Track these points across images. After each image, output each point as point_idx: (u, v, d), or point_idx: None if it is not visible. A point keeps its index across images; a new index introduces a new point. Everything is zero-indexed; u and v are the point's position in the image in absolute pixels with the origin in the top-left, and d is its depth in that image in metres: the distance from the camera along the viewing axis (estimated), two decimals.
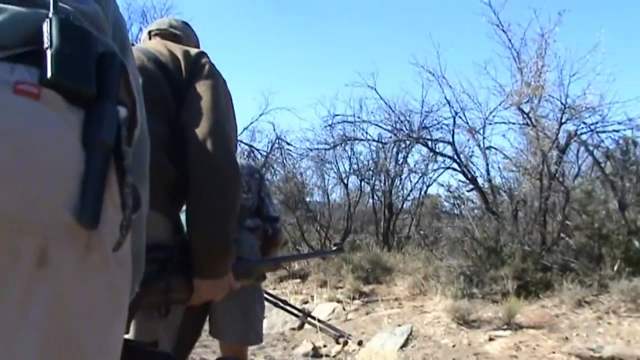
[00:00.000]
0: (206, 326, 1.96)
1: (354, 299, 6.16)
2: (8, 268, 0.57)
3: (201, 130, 1.35)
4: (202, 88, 1.41)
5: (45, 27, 0.67)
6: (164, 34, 1.70)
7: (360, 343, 4.58)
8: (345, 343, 4.61)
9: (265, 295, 3.20)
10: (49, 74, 0.64)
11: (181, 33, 1.73)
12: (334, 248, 2.24)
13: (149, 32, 1.75)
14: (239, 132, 10.81)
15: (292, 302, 5.89)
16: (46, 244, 0.59)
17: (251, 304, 2.26)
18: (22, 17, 0.68)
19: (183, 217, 1.44)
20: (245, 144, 11.21)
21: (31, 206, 0.59)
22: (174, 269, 1.35)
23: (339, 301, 6.15)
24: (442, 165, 8.45)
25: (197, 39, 1.83)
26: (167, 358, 1.20)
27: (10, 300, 0.57)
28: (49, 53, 0.65)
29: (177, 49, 1.49)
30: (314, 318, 4.94)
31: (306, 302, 6.52)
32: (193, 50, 1.51)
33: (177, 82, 1.42)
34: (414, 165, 9.49)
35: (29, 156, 0.60)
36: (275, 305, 4.88)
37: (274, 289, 7.26)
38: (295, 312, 5.16)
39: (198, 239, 1.36)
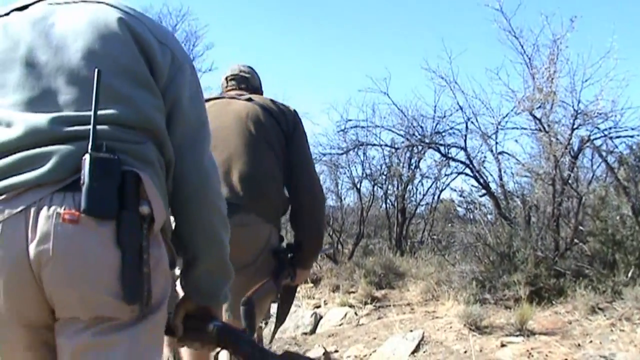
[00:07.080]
0: None
1: (366, 303, 6.16)
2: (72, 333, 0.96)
3: (303, 170, 2.14)
4: (301, 140, 2.19)
5: (82, 163, 0.94)
6: (237, 78, 2.35)
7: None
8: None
9: None
10: (82, 206, 0.92)
11: (249, 75, 2.38)
12: (326, 246, 2.55)
13: (226, 78, 2.39)
14: None
15: (304, 306, 5.91)
16: (99, 315, 0.95)
17: None
18: (68, 155, 0.96)
19: None
20: None
21: (86, 300, 0.94)
22: (288, 264, 2.09)
23: (351, 306, 6.16)
24: (455, 170, 8.43)
25: (259, 77, 2.46)
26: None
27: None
28: (83, 189, 0.92)
29: (281, 106, 2.22)
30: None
31: (318, 307, 6.55)
32: (290, 108, 2.23)
33: (284, 131, 2.13)
34: (427, 170, 9.47)
35: (78, 267, 0.92)
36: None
37: None
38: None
39: (308, 243, 2.13)
